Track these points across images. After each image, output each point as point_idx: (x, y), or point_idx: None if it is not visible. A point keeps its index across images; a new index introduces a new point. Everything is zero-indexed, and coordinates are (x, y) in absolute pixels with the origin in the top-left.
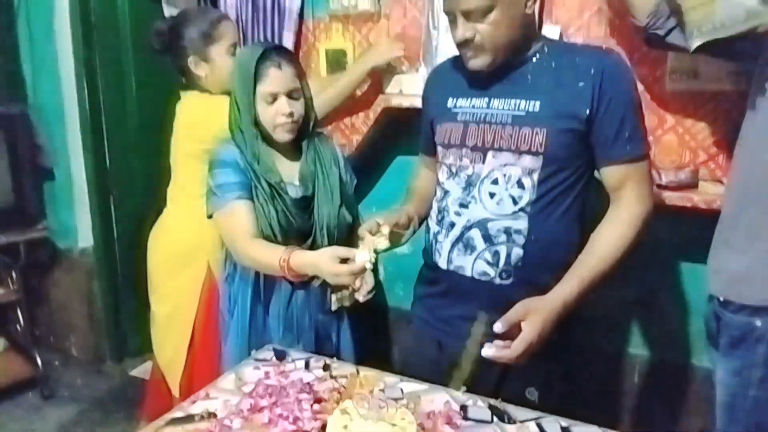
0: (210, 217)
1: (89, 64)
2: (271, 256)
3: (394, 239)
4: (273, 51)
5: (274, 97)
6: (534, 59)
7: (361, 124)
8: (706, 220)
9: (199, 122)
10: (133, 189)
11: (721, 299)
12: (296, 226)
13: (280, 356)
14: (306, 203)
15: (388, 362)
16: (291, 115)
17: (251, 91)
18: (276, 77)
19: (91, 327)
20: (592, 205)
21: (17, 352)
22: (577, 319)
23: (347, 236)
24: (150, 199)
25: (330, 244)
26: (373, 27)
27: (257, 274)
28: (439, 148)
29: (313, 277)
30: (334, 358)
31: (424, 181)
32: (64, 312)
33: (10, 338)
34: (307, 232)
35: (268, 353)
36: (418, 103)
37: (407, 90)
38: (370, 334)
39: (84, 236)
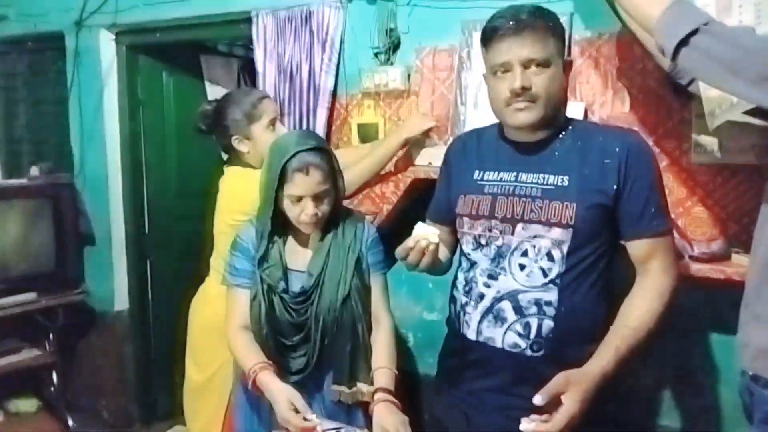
0: None
1: (134, 137)
2: (245, 361)
3: None
4: (305, 153)
5: (300, 199)
6: (560, 136)
7: (391, 193)
8: (739, 292)
9: (240, 195)
10: (170, 255)
11: (751, 373)
12: (288, 322)
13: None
14: (307, 295)
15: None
16: (315, 215)
17: (275, 188)
18: (302, 182)
19: (121, 390)
20: (619, 277)
21: (49, 413)
22: (612, 391)
23: (348, 332)
24: (185, 264)
25: (323, 339)
26: (403, 103)
27: None
28: (465, 219)
29: None
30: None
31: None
32: (97, 374)
33: (44, 399)
34: (301, 326)
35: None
36: None
37: (436, 162)
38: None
39: (120, 300)
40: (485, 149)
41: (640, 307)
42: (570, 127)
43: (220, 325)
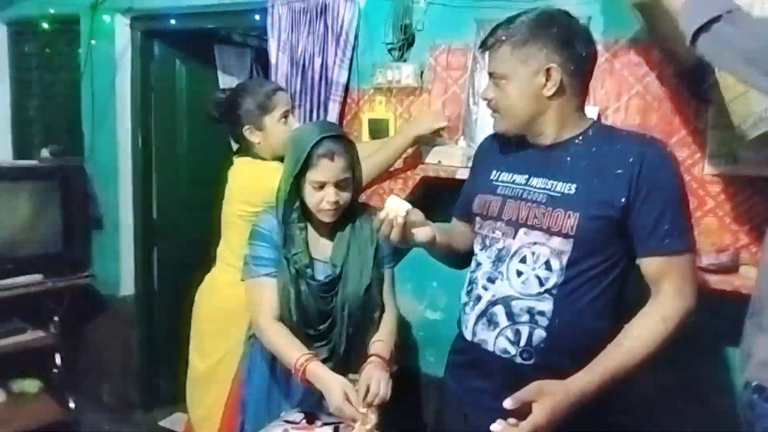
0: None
1: (145, 123)
2: (289, 354)
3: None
4: (329, 140)
5: (322, 185)
6: (576, 141)
7: (399, 190)
8: (747, 305)
9: (250, 186)
10: (177, 242)
11: (753, 384)
12: (316, 309)
13: (311, 419)
14: (332, 284)
15: (418, 427)
16: (336, 203)
17: (298, 174)
18: (327, 168)
19: (124, 374)
20: (633, 295)
21: (51, 394)
22: (615, 400)
23: (371, 321)
24: (192, 252)
25: (349, 328)
26: (415, 100)
27: None
28: (477, 219)
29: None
30: None
31: (455, 226)
32: (100, 358)
33: (46, 381)
34: (328, 313)
35: (297, 415)
36: (456, 174)
37: (446, 161)
38: (400, 398)
39: (126, 285)
40: (506, 150)
41: (641, 329)
42: (590, 132)
43: (226, 314)
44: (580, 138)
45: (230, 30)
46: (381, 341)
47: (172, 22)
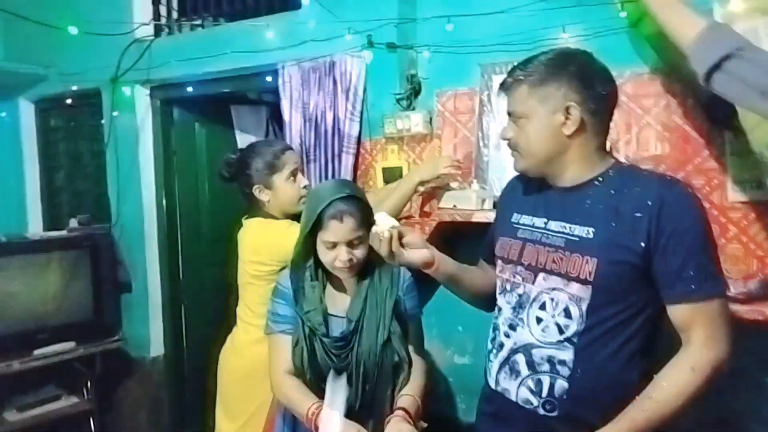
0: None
1: (168, 186)
2: (300, 404)
3: None
4: (340, 201)
5: (334, 245)
6: (596, 183)
7: None
8: None
9: (262, 246)
10: (204, 301)
11: None
12: (330, 365)
13: None
14: (347, 340)
15: None
16: (350, 260)
17: (309, 234)
18: (336, 229)
19: None
20: (668, 342)
21: None
22: None
23: (389, 376)
24: (217, 308)
25: (365, 382)
26: (426, 146)
27: None
28: (499, 262)
29: None
30: None
31: (482, 267)
32: (133, 419)
33: None
34: (342, 369)
35: None
36: (472, 217)
37: (461, 205)
38: None
39: (156, 346)
40: (528, 192)
41: (670, 380)
42: (610, 172)
43: (250, 374)
44: (600, 179)
45: (245, 90)
46: (407, 395)
47: (189, 89)
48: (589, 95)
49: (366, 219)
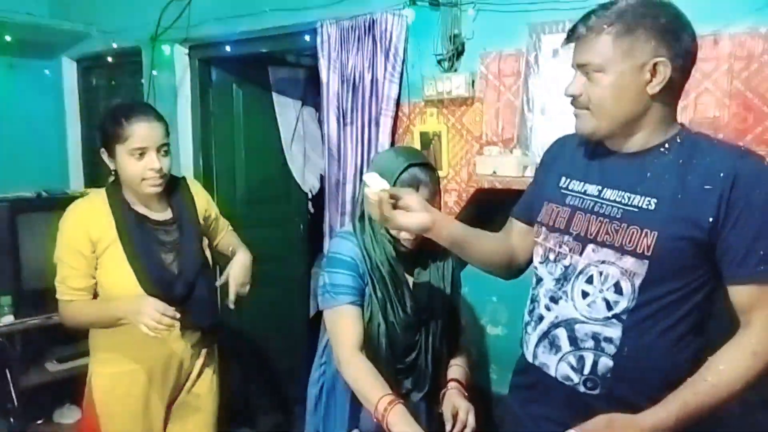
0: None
1: (206, 146)
2: (371, 394)
3: None
4: (417, 168)
5: None
6: (662, 150)
7: (454, 203)
8: None
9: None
10: None
11: None
12: (404, 340)
13: None
14: (418, 317)
15: None
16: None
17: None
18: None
19: None
20: (724, 322)
21: None
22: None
23: (449, 349)
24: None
25: (434, 363)
26: (467, 110)
27: None
28: (542, 229)
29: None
30: None
31: (495, 236)
32: None
33: None
34: (412, 346)
35: None
36: (512, 184)
37: (501, 172)
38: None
39: None
40: (578, 155)
41: (728, 363)
42: (677, 139)
43: None
44: (666, 146)
45: (283, 52)
46: (458, 366)
47: (227, 48)
48: (678, 51)
49: (436, 190)
